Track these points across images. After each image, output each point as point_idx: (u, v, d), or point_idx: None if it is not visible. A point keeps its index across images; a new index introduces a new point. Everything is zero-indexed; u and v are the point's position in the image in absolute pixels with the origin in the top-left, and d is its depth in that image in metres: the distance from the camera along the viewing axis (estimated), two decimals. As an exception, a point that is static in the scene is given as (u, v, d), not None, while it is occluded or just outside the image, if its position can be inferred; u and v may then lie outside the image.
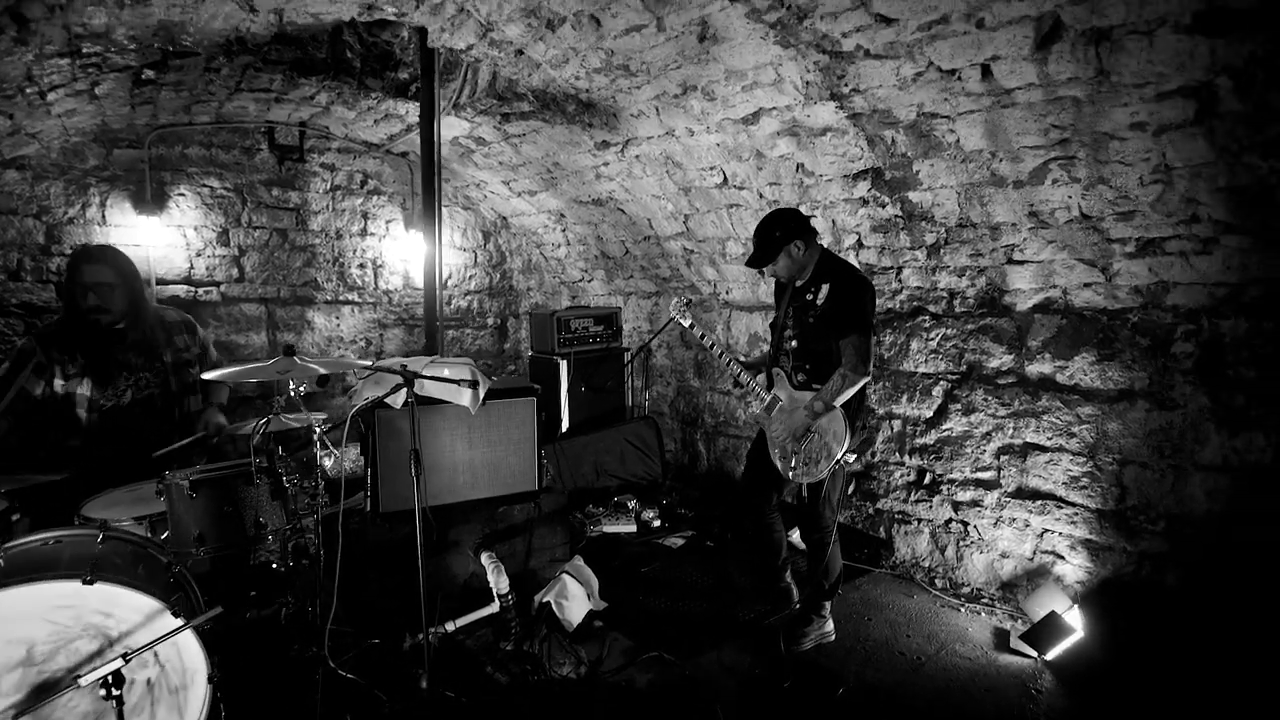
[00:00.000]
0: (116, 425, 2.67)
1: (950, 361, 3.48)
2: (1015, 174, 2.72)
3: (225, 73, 3.34)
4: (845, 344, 2.59)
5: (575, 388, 4.70)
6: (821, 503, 2.80)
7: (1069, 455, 3.06)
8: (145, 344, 2.78)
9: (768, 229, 2.69)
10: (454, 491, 2.98)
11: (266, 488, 2.25)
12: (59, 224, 4.01)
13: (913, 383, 3.66)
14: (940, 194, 3.02)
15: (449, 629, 2.85)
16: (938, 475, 3.58)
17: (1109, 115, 2.30)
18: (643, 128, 3.62)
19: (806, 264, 2.73)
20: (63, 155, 3.98)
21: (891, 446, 3.79)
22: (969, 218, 3.03)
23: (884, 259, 3.57)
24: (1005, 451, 3.30)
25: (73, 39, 2.45)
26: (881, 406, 3.82)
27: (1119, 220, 2.61)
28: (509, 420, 3.07)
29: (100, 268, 2.62)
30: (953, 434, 3.50)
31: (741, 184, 3.73)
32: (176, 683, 1.97)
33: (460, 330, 5.82)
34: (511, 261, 6.13)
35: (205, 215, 4.45)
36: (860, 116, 2.86)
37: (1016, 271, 3.08)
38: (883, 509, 3.86)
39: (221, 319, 4.59)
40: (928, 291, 3.52)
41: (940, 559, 3.58)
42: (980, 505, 3.40)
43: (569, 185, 4.74)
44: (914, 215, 3.21)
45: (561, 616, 3.00)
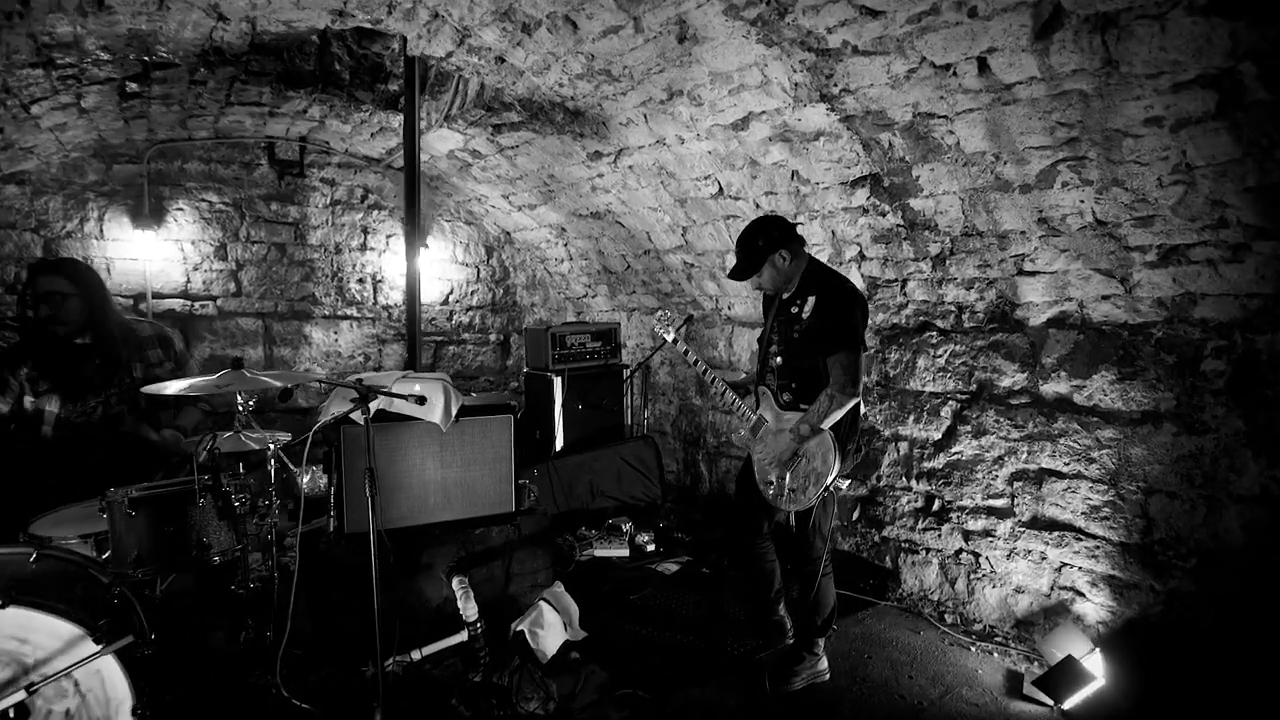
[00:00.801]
0: (84, 442, 2.60)
1: (959, 380, 3.26)
2: (1021, 177, 2.52)
3: (212, 85, 3.32)
4: (832, 362, 2.40)
5: (571, 405, 4.56)
6: (811, 532, 2.59)
7: (1088, 483, 2.81)
8: (112, 358, 2.71)
9: (750, 238, 2.53)
10: (425, 512, 2.85)
11: (213, 507, 2.14)
12: (57, 238, 4.03)
13: (920, 402, 3.44)
14: (943, 200, 2.83)
15: (415, 657, 2.70)
16: (947, 502, 3.34)
17: (1120, 110, 2.10)
18: (633, 136, 3.50)
19: (793, 275, 2.56)
20: (62, 170, 4.01)
21: (898, 470, 3.56)
22: (974, 226, 2.83)
23: (887, 271, 3.37)
24: (1019, 477, 3.05)
25: (41, 48, 2.43)
26: (887, 427, 3.60)
27: (1137, 226, 2.39)
28: (484, 439, 2.93)
29: (54, 278, 2.58)
30: (963, 458, 3.26)
31: (737, 194, 3.58)
32: (99, 714, 1.85)
33: (461, 346, 5.74)
34: (515, 277, 6.05)
35: (203, 229, 4.46)
36: (853, 119, 2.69)
37: (1028, 283, 2.86)
38: (889, 537, 3.61)
39: (218, 333, 4.57)
40: (934, 305, 3.31)
41: (950, 592, 3.32)
42: (992, 535, 3.15)
43: (566, 198, 4.64)
44: (916, 224, 3.02)
45: (535, 646, 2.83)
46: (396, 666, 2.65)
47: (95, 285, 2.71)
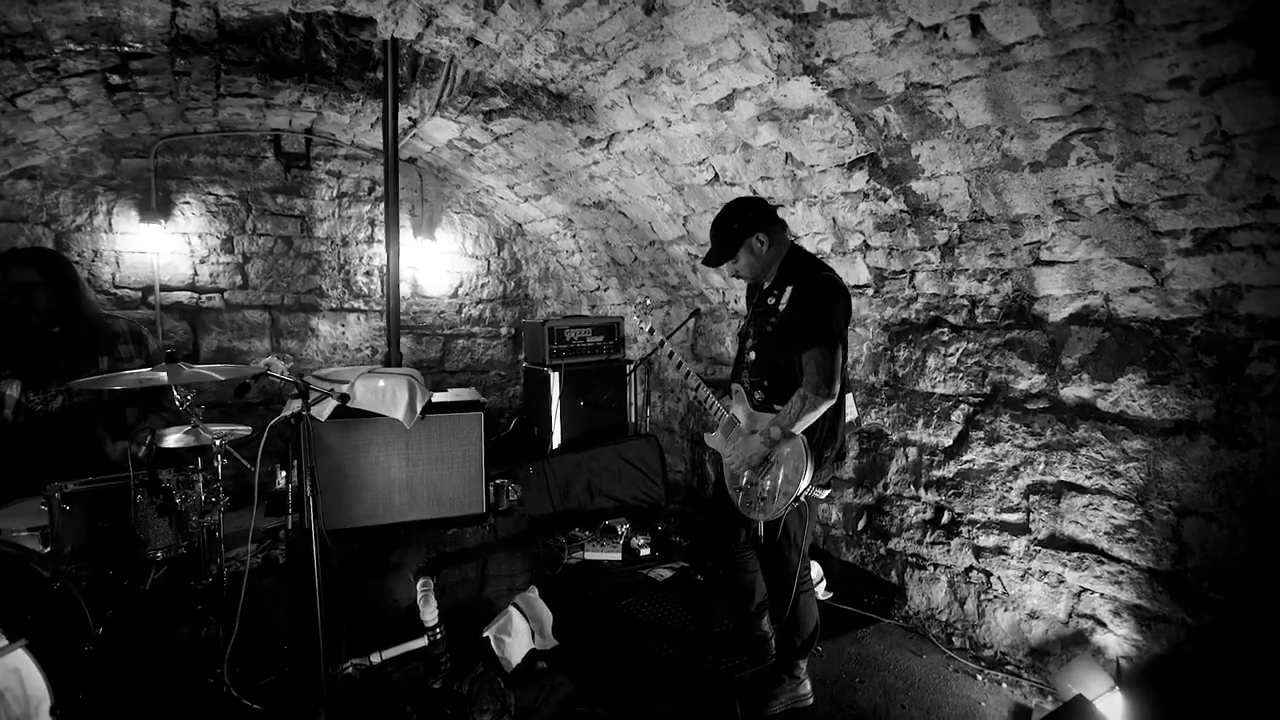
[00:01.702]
0: (44, 430, 2.60)
1: (972, 381, 2.96)
2: (1031, 154, 2.22)
3: (196, 75, 3.30)
4: (807, 359, 2.17)
5: (570, 402, 4.42)
6: (783, 544, 2.37)
7: (1112, 499, 2.49)
8: (81, 349, 2.71)
9: (725, 221, 2.32)
10: (390, 512, 2.76)
11: (153, 504, 2.08)
12: (67, 231, 4.13)
13: (930, 405, 3.15)
14: (946, 182, 2.55)
15: (374, 660, 2.61)
16: (957, 515, 3.05)
17: (1139, 71, 1.80)
18: (620, 120, 3.31)
19: (771, 262, 2.33)
20: (72, 165, 4.10)
21: (906, 478, 3.28)
22: (983, 210, 2.54)
23: (894, 262, 3.09)
24: (1035, 491, 2.75)
25: (2, 40, 2.42)
26: (895, 431, 3.32)
27: (1167, 207, 2.07)
28: (452, 437, 2.81)
29: (25, 268, 2.58)
30: (974, 467, 2.97)
31: (732, 180, 3.35)
32: (18, 712, 1.81)
33: (471, 340, 5.68)
34: (527, 270, 5.95)
35: (210, 223, 4.50)
36: (842, 93, 2.44)
37: (1046, 274, 2.56)
38: (895, 550, 3.34)
39: (224, 325, 4.62)
40: (945, 299, 3.01)
41: (959, 613, 3.04)
42: (1005, 553, 2.85)
43: (568, 188, 4.49)
44: (920, 209, 2.74)
45: (500, 654, 2.71)
46: (355, 670, 2.57)
47: (66, 276, 2.71)
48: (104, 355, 2.77)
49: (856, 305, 3.46)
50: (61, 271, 2.71)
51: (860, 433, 3.53)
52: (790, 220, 3.35)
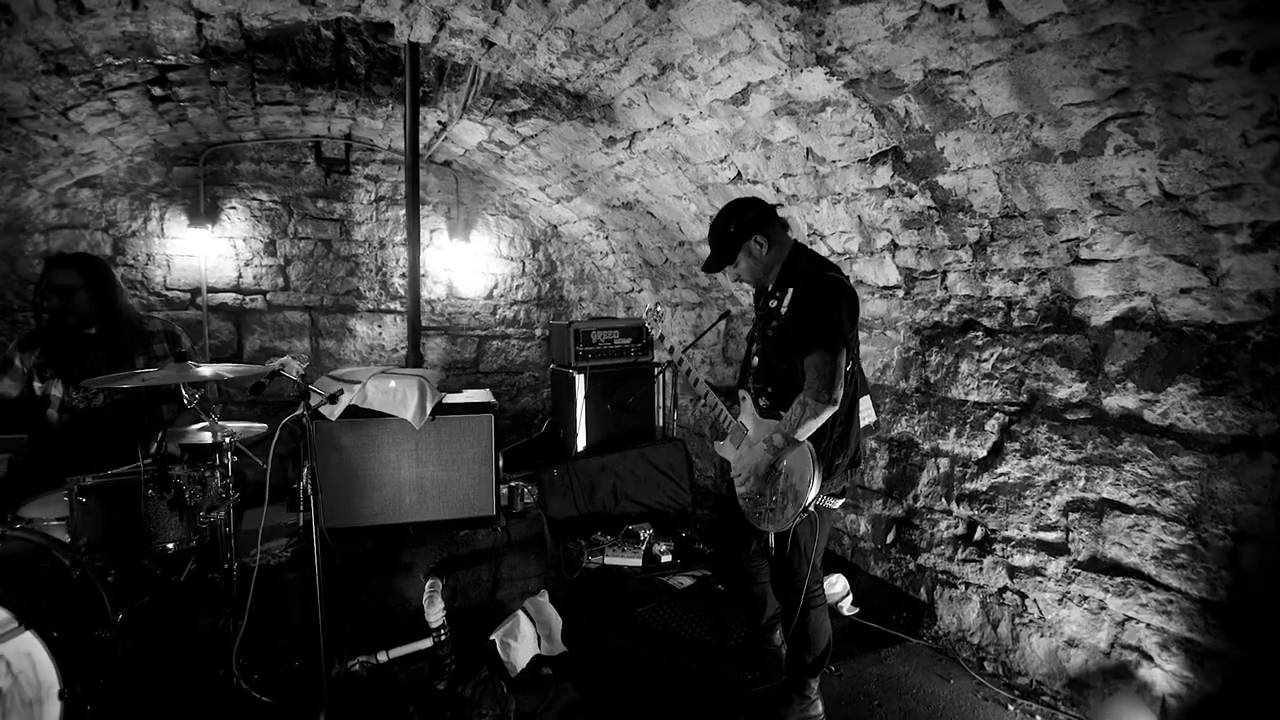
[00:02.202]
0: (85, 427, 2.74)
1: (1008, 389, 2.77)
2: (1063, 143, 2.05)
3: (232, 84, 3.43)
4: (808, 363, 2.06)
5: (597, 404, 4.39)
6: (792, 556, 2.26)
7: (1161, 520, 2.27)
8: (118, 349, 2.84)
9: (722, 224, 2.23)
10: (399, 511, 2.78)
11: (164, 499, 2.15)
12: (124, 237, 4.37)
13: (962, 414, 2.96)
14: (974, 176, 2.38)
15: (381, 659, 2.64)
16: (991, 531, 2.85)
17: (1179, 47, 1.62)
18: (639, 118, 3.26)
19: (773, 264, 2.23)
20: (129, 174, 4.34)
21: (937, 490, 3.10)
22: (1015, 205, 2.36)
23: (923, 261, 2.93)
24: (1075, 508, 2.54)
25: (45, 56, 2.56)
26: (926, 440, 3.14)
27: (1219, 199, 1.87)
28: (462, 438, 2.82)
29: (66, 272, 2.71)
30: (1009, 480, 2.77)
31: (754, 178, 3.24)
32: (30, 695, 1.90)
33: (505, 341, 5.73)
34: (563, 271, 5.96)
35: (254, 227, 4.69)
36: (858, 83, 2.31)
37: (1086, 274, 2.36)
38: (925, 566, 3.16)
39: (266, 326, 4.80)
40: (979, 301, 2.83)
41: (992, 636, 2.84)
42: (1042, 575, 2.65)
43: (597, 189, 4.46)
44: (948, 205, 2.58)
45: (506, 658, 2.69)
46: (362, 668, 2.60)
47: (104, 279, 2.84)
48: (140, 354, 2.89)
49: (886, 307, 3.30)
50: (100, 275, 2.84)
51: (890, 441, 3.36)
52: (815, 219, 3.22)
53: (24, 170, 3.55)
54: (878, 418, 3.35)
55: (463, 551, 3.00)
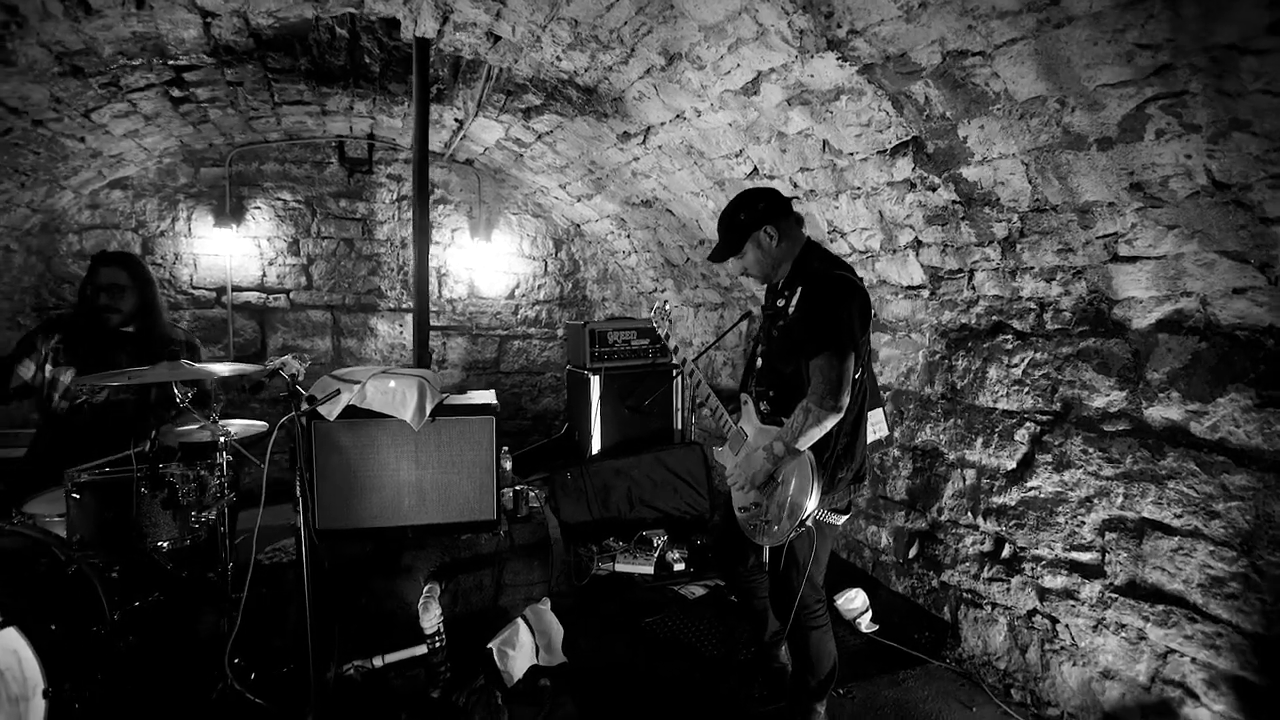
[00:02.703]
0: (85, 420, 2.76)
1: (1039, 396, 2.57)
2: (1097, 128, 1.87)
3: (249, 84, 3.45)
4: (814, 367, 1.93)
5: (613, 406, 4.30)
6: (788, 573, 2.13)
7: (1208, 545, 2.06)
8: (145, 351, 2.85)
9: (732, 212, 2.11)
10: (398, 514, 2.73)
11: (156, 498, 2.14)
12: (153, 236, 4.47)
13: (990, 422, 2.77)
14: (1001, 167, 2.21)
15: (377, 664, 2.59)
16: (1020, 548, 2.66)
17: (1228, 15, 1.44)
18: (651, 112, 3.15)
19: (782, 259, 2.10)
20: (158, 175, 4.44)
21: (963, 503, 2.91)
22: (1046, 198, 2.18)
23: (949, 260, 2.75)
24: (1112, 527, 2.33)
25: (60, 58, 2.59)
26: (952, 450, 2.96)
27: (1278, 188, 1.67)
28: (462, 441, 2.76)
29: (115, 270, 2.74)
30: (1040, 495, 2.57)
31: (771, 172, 3.10)
32: (16, 692, 1.90)
33: (527, 341, 5.69)
34: (586, 270, 5.90)
35: (277, 226, 4.74)
36: (873, 68, 2.16)
37: (1126, 273, 2.16)
38: (949, 583, 2.97)
39: (289, 324, 4.86)
40: (1009, 302, 2.64)
41: (1020, 662, 2.65)
42: (1075, 598, 2.44)
43: (615, 186, 4.37)
44: (974, 199, 2.40)
45: (503, 667, 2.62)
46: (356, 671, 2.56)
47: (149, 282, 2.86)
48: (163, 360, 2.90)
49: (911, 308, 3.12)
50: (145, 275, 2.87)
51: (914, 450, 3.18)
52: (835, 215, 3.06)
53: (55, 172, 3.65)
54: (898, 426, 3.18)
55: (464, 555, 2.94)
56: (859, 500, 3.55)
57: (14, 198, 3.64)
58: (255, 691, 2.39)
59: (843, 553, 3.69)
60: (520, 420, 5.72)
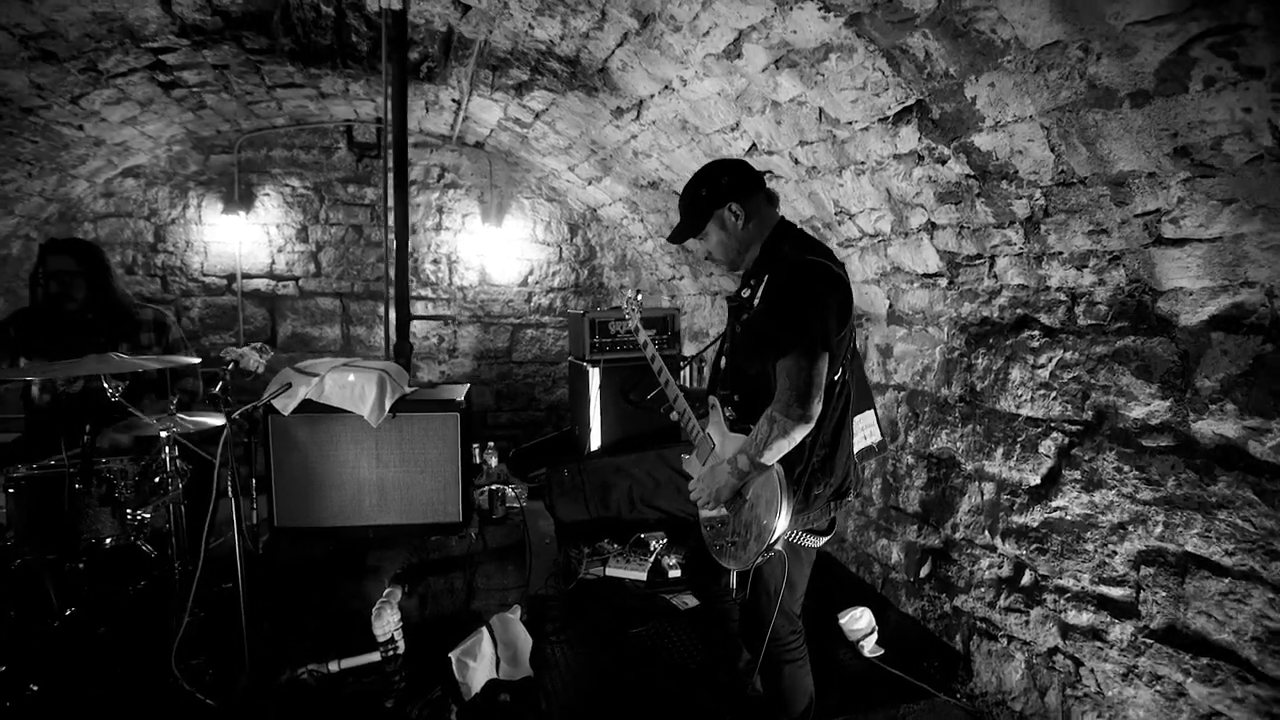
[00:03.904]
0: (63, 411, 2.74)
1: (1069, 403, 2.21)
2: (1130, 80, 1.52)
3: (236, 68, 3.37)
4: (780, 370, 1.66)
5: (613, 400, 4.08)
6: (758, 600, 1.87)
7: (1267, 591, 1.70)
8: (109, 335, 2.83)
9: (693, 188, 1.84)
10: (359, 514, 2.61)
11: (90, 494, 2.07)
12: (165, 224, 4.50)
13: (1012, 430, 2.42)
14: (1017, 133, 1.86)
15: (333, 669, 2.48)
16: (1041, 576, 2.31)
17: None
18: (639, 83, 2.89)
19: (749, 241, 1.83)
20: (169, 164, 4.46)
21: (979, 521, 2.57)
22: (1072, 169, 1.82)
23: (966, 244, 2.40)
24: (1150, 560, 1.98)
25: (25, 41, 2.54)
26: (969, 460, 2.62)
27: (1366, 150, 1.30)
28: (426, 438, 2.60)
29: (63, 258, 2.71)
30: (1066, 517, 2.22)
31: (769, 147, 2.80)
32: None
33: (540, 330, 5.53)
34: (603, 257, 5.68)
35: (286, 213, 4.71)
36: (860, 19, 1.85)
37: (1171, 258, 1.79)
38: (962, 609, 2.64)
39: (299, 312, 4.84)
40: (1035, 292, 2.28)
41: (1039, 705, 2.31)
42: (1103, 639, 2.10)
43: (620, 167, 4.13)
44: (988, 172, 2.06)
45: (461, 679, 2.46)
46: (310, 676, 2.45)
47: (99, 265, 2.83)
48: (124, 342, 2.87)
49: (928, 299, 2.78)
50: (96, 261, 2.83)
51: (929, 458, 2.84)
52: (840, 194, 2.74)
53: (59, 160, 3.67)
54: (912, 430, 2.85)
55: (434, 557, 2.81)
56: (870, 511, 3.23)
57: (23, 186, 3.69)
58: (207, 692, 2.31)
59: (852, 565, 3.38)
60: (533, 411, 5.59)
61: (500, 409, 5.52)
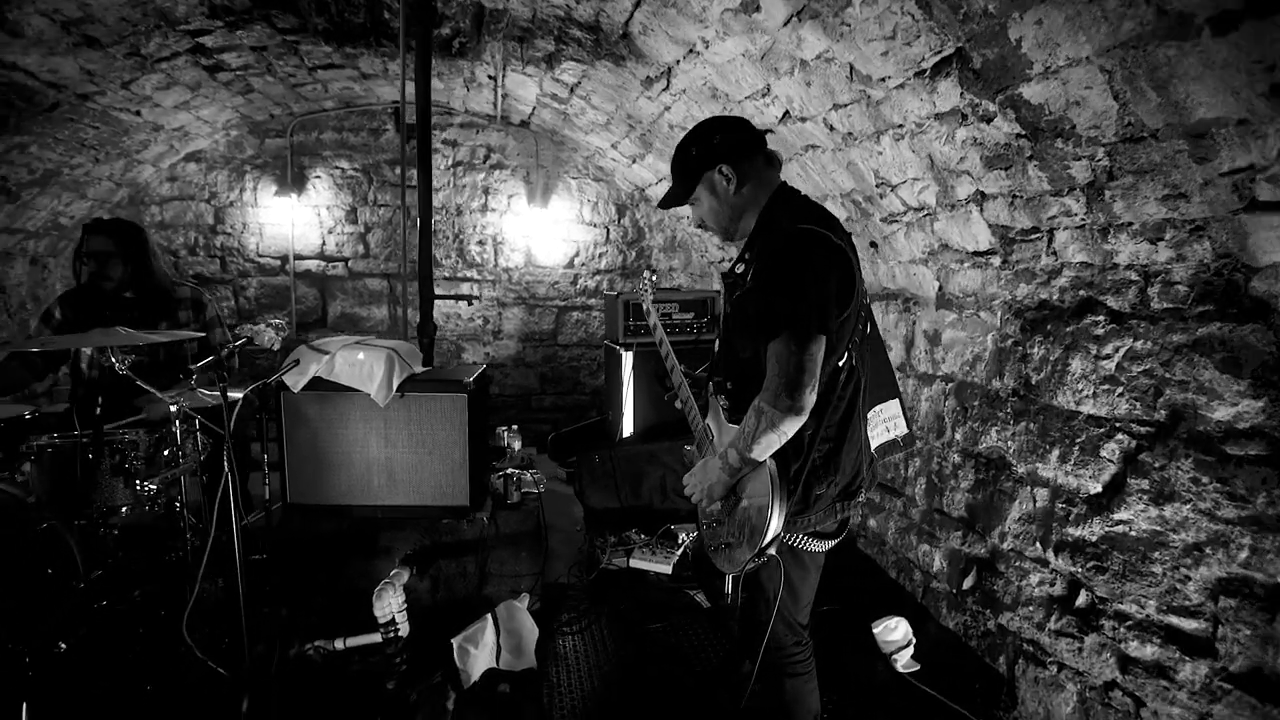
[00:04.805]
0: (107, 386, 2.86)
1: (1137, 400, 1.89)
2: (1209, 0, 1.22)
3: (274, 49, 3.42)
4: (770, 354, 1.47)
5: (649, 385, 3.94)
6: (756, 602, 1.70)
7: (1379, 637, 1.37)
8: (147, 314, 2.93)
9: (683, 148, 1.66)
10: (368, 493, 2.60)
11: (101, 465, 2.13)
12: (223, 207, 4.69)
13: (1071, 430, 2.12)
14: (1071, 79, 1.57)
15: (339, 646, 2.49)
16: (1099, 598, 2.01)
17: None
18: (662, 48, 2.71)
19: (742, 208, 1.63)
20: (227, 148, 4.63)
21: (1030, 530, 2.27)
22: (1140, 120, 1.52)
23: (1020, 216, 2.10)
24: (1231, 590, 1.66)
25: (67, 27, 2.64)
26: (1021, 461, 2.32)
27: None
28: (434, 419, 2.55)
29: (101, 238, 2.81)
30: (1130, 532, 1.91)
31: (801, 113, 2.56)
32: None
33: (586, 313, 5.44)
34: (651, 238, 5.52)
35: (336, 195, 4.81)
36: (883, -49, 1.61)
37: (1270, 226, 1.47)
38: (1008, 628, 2.36)
39: (348, 292, 4.95)
40: (1101, 271, 1.96)
41: (1092, 746, 2.03)
42: (1170, 678, 1.79)
43: (660, 143, 3.95)
44: (1041, 129, 1.76)
45: (461, 666, 2.42)
46: (315, 652, 2.47)
47: (136, 244, 2.92)
48: (164, 320, 2.97)
49: (980, 280, 2.48)
50: (134, 240, 2.93)
51: (976, 457, 2.55)
52: (879, 163, 2.47)
53: (122, 145, 3.87)
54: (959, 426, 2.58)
55: (446, 540, 2.77)
56: (912, 512, 2.96)
57: (91, 171, 3.91)
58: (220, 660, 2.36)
59: (891, 570, 3.12)
60: (578, 395, 5.53)
61: (544, 392, 5.49)
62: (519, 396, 5.43)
